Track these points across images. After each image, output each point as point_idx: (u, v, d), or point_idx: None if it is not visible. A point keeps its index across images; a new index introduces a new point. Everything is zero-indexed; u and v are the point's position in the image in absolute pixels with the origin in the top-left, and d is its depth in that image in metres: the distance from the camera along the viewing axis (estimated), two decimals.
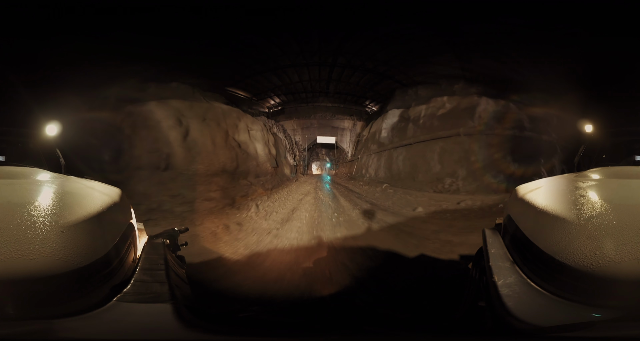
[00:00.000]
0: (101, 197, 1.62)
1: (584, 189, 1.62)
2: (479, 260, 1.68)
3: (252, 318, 1.68)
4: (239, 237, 5.71)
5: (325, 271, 4.13)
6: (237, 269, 4.26)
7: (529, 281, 1.26)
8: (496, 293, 1.20)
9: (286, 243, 5.26)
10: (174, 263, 1.67)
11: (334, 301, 3.19)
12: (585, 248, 1.14)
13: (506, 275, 1.31)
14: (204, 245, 4.97)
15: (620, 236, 1.15)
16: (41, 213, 1.24)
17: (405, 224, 6.39)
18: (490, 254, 1.51)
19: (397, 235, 5.66)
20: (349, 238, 5.57)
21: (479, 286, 1.52)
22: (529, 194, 1.71)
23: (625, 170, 2.21)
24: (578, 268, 1.12)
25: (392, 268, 4.27)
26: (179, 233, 2.20)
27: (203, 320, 1.20)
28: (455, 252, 4.42)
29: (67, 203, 1.43)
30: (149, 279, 1.32)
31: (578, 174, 2.22)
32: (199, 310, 1.28)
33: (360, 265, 4.21)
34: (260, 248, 5.09)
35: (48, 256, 1.05)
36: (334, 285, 3.65)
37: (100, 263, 1.21)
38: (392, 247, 4.88)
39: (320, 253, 4.79)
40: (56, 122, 3.12)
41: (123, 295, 1.18)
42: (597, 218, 1.27)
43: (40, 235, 1.12)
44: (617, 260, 1.07)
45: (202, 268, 4.07)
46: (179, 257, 1.98)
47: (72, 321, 1.00)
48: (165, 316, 1.09)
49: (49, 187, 1.74)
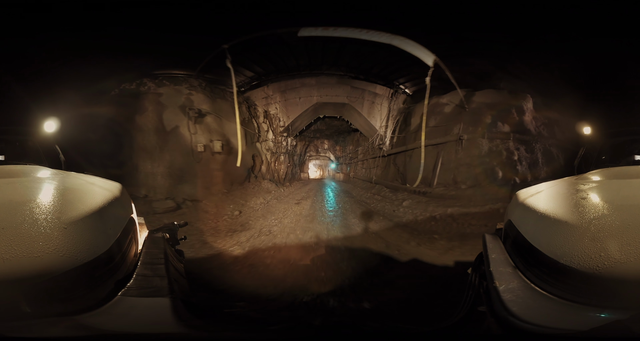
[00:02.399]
0: (102, 192, 1.62)
1: (585, 191, 1.63)
2: (479, 265, 1.68)
3: (238, 313, 1.70)
4: None
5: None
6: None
7: (533, 286, 1.27)
8: (498, 298, 1.20)
9: None
10: (173, 257, 1.68)
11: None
12: (590, 250, 1.15)
13: (508, 280, 1.31)
14: None
15: (624, 236, 1.15)
16: (43, 210, 1.24)
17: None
18: (491, 259, 1.51)
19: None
20: None
21: (478, 292, 1.52)
22: (529, 199, 1.71)
23: (625, 171, 2.22)
24: (584, 270, 1.12)
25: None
26: (178, 227, 2.20)
27: (197, 315, 1.22)
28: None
29: (69, 200, 1.43)
30: (150, 273, 1.34)
31: (578, 177, 2.23)
32: (195, 304, 1.30)
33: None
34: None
35: (52, 254, 1.06)
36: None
37: (104, 258, 1.22)
38: None
39: None
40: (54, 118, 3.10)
41: (127, 290, 1.20)
42: (600, 219, 1.28)
43: (44, 232, 1.11)
44: (622, 260, 1.08)
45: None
46: (178, 251, 1.99)
47: (88, 318, 1.02)
48: (164, 311, 1.12)
49: (50, 184, 1.73)
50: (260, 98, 11.68)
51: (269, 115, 12.48)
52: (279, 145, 14.00)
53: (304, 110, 12.26)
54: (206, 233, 5.49)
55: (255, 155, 11.77)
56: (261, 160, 12.32)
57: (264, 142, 12.56)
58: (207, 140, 9.26)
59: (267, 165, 12.99)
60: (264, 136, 12.45)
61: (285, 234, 5.47)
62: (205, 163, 9.24)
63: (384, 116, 11.76)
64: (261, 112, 12.07)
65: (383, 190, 10.87)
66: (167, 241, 1.78)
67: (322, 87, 11.40)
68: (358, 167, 18.42)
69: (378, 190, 11.26)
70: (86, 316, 1.03)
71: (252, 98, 11.53)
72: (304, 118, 13.10)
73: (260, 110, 12.01)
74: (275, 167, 14.26)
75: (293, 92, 11.72)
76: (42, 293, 1.00)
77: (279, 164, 14.78)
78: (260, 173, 12.22)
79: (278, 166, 14.59)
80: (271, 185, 11.86)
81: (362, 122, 12.68)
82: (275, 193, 10.99)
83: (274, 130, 13.00)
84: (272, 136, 13.02)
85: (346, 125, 15.70)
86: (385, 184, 11.42)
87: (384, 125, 12.00)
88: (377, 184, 12.46)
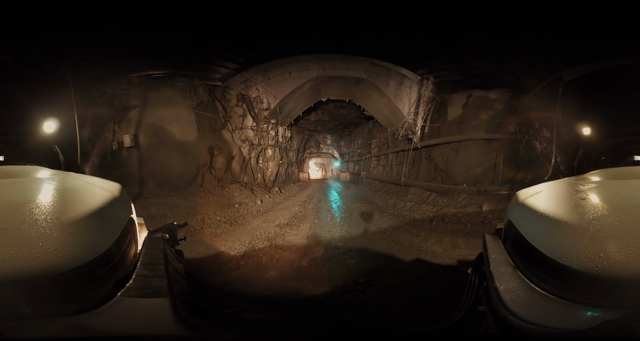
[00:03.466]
0: (101, 192, 1.62)
1: (584, 192, 1.63)
2: (479, 265, 1.69)
3: (238, 314, 1.71)
4: None
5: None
6: None
7: (533, 286, 1.27)
8: (498, 298, 1.21)
9: None
10: (173, 257, 1.68)
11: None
12: (589, 250, 1.15)
13: (508, 280, 1.31)
14: None
15: (624, 237, 1.16)
16: (43, 211, 1.24)
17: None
18: (491, 259, 1.51)
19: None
20: None
21: (478, 292, 1.53)
22: (529, 199, 1.72)
23: (625, 171, 2.23)
24: (583, 271, 1.12)
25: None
26: (178, 228, 2.20)
27: (197, 317, 1.22)
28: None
29: (68, 200, 1.43)
30: (150, 274, 1.34)
31: (578, 177, 2.23)
32: (194, 305, 1.30)
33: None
34: None
35: (52, 254, 1.06)
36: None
37: (103, 259, 1.22)
38: None
39: None
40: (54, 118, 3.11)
41: (126, 290, 1.21)
42: (600, 220, 1.28)
43: (43, 232, 1.12)
44: (622, 261, 1.08)
45: None
46: (178, 251, 1.99)
47: (87, 318, 1.02)
48: (163, 311, 1.11)
49: (50, 185, 1.73)
50: (238, 83, 9.50)
51: (246, 99, 9.70)
52: (263, 134, 10.67)
53: (297, 86, 9.38)
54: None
55: (215, 147, 8.81)
56: (230, 155, 9.24)
57: (238, 130, 9.55)
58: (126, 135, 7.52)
59: (243, 161, 9.77)
60: (238, 123, 9.53)
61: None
62: (123, 163, 7.42)
63: (413, 101, 9.45)
64: (234, 95, 9.47)
65: (425, 196, 8.24)
66: (166, 241, 1.78)
67: (327, 61, 8.83)
68: (372, 165, 14.93)
69: (419, 197, 8.35)
70: (85, 317, 1.03)
71: (230, 86, 9.72)
72: (298, 100, 10.35)
73: (232, 92, 9.51)
74: (260, 164, 10.85)
75: (280, 69, 9.20)
76: (42, 293, 1.00)
77: (266, 161, 11.20)
78: (230, 174, 9.17)
79: (264, 163, 11.08)
80: (243, 193, 8.36)
81: (383, 106, 10.16)
82: (241, 210, 7.18)
83: (255, 116, 9.97)
84: (253, 123, 10.00)
85: (355, 115, 13.50)
86: (426, 186, 8.84)
87: (412, 111, 9.57)
88: (406, 186, 9.67)
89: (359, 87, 9.49)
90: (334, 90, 9.93)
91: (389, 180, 11.49)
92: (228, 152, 9.20)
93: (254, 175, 10.43)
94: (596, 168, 2.52)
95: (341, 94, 10.20)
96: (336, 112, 13.86)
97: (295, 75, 9.18)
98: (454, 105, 8.90)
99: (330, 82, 9.31)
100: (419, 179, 9.53)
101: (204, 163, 8.33)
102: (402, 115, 9.74)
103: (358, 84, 9.33)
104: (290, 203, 9.06)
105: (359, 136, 17.72)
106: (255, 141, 10.23)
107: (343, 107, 12.12)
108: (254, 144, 10.21)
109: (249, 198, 8.30)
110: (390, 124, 10.82)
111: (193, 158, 8.08)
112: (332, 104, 12.23)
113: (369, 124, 14.84)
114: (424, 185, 9.02)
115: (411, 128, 9.67)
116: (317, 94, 10.28)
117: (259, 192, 9.49)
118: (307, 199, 10.22)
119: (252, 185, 9.73)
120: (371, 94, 9.79)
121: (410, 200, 8.50)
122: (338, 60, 8.76)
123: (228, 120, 9.21)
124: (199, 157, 8.21)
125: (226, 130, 9.25)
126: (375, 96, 9.82)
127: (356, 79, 9.05)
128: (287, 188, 12.57)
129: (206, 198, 7.68)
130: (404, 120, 9.81)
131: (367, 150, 15.73)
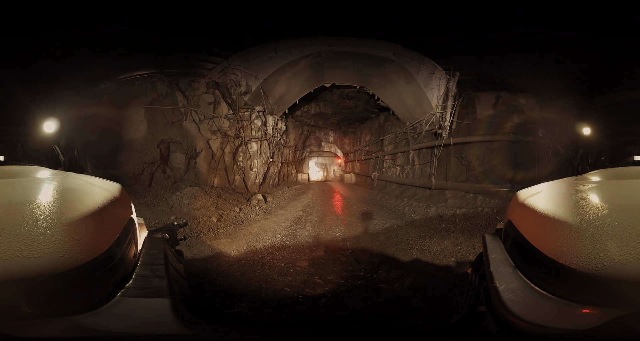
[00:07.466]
0: (102, 192, 1.62)
1: (584, 192, 1.63)
2: (479, 265, 1.68)
3: (239, 315, 1.70)
4: None
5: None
6: None
7: (533, 286, 1.27)
8: (498, 298, 1.21)
9: None
10: (173, 257, 1.68)
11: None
12: (589, 250, 1.15)
13: (508, 280, 1.31)
14: None
15: (624, 237, 1.16)
16: (43, 211, 1.24)
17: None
18: (491, 259, 1.51)
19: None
20: None
21: (478, 292, 1.53)
22: (529, 199, 1.72)
23: (624, 171, 2.23)
24: (583, 270, 1.12)
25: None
26: (178, 228, 2.20)
27: (197, 316, 1.22)
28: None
29: (69, 200, 1.43)
30: (150, 274, 1.34)
31: (578, 177, 2.23)
32: (194, 305, 1.30)
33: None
34: None
35: (52, 254, 1.05)
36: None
37: (103, 259, 1.22)
38: None
39: None
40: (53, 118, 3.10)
41: (126, 290, 1.20)
42: (600, 220, 1.28)
43: (43, 232, 1.11)
44: (621, 261, 1.08)
45: None
46: (177, 251, 1.99)
47: (87, 318, 1.02)
48: (164, 311, 1.12)
49: (50, 185, 1.73)
50: (216, 73, 8.34)
51: (221, 86, 8.20)
52: (244, 124, 8.70)
53: (287, 62, 7.79)
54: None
55: (171, 142, 7.54)
56: (192, 151, 7.72)
57: (208, 120, 7.92)
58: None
59: (211, 158, 7.91)
60: (208, 112, 7.91)
61: None
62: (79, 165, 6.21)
63: (441, 94, 8.57)
64: (203, 82, 8.05)
65: (469, 199, 7.37)
66: (166, 241, 1.78)
67: (332, 36, 7.28)
68: (386, 164, 12.55)
69: (467, 202, 7.29)
70: (85, 317, 1.02)
71: (209, 77, 8.51)
72: (291, 81, 8.56)
73: (202, 81, 8.11)
74: (240, 162, 8.70)
75: (262, 49, 7.79)
76: (42, 293, 1.00)
77: (248, 158, 8.94)
78: (193, 174, 7.63)
79: (245, 161, 8.81)
80: (198, 202, 6.16)
81: (407, 95, 8.92)
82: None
83: (231, 103, 8.27)
84: (229, 111, 8.19)
85: (363, 107, 11.59)
86: (466, 188, 7.84)
87: (440, 104, 8.69)
88: (438, 189, 8.39)
89: (380, 69, 8.05)
90: (342, 71, 8.26)
91: (412, 183, 9.73)
92: (189, 146, 7.65)
93: (228, 176, 8.15)
94: (596, 168, 2.52)
95: (351, 78, 8.56)
96: (341, 103, 11.84)
97: (284, 54, 7.74)
98: (482, 104, 8.43)
99: (339, 59, 7.65)
100: (449, 180, 8.60)
101: (151, 160, 7.20)
102: (429, 107, 8.72)
103: (380, 65, 7.84)
104: (271, 224, 5.73)
105: (367, 132, 15.68)
106: (231, 132, 8.25)
107: (350, 97, 10.54)
108: (228, 136, 8.20)
109: (205, 210, 5.93)
110: (410, 117, 9.53)
111: (140, 155, 7.22)
112: (337, 94, 10.60)
113: (379, 118, 13.01)
114: (462, 187, 7.98)
115: (439, 123, 8.80)
116: (318, 76, 8.59)
117: (230, 201, 7.04)
118: (303, 214, 6.97)
119: (227, 191, 7.64)
120: (394, 79, 8.46)
121: (453, 205, 7.35)
122: (349, 37, 7.37)
123: (194, 110, 7.75)
124: (147, 154, 7.23)
125: (189, 121, 7.74)
126: (399, 81, 8.50)
127: (379, 59, 7.54)
128: (278, 194, 9.80)
129: (153, 203, 6.42)
130: (430, 113, 8.77)
131: (378, 147, 13.49)
